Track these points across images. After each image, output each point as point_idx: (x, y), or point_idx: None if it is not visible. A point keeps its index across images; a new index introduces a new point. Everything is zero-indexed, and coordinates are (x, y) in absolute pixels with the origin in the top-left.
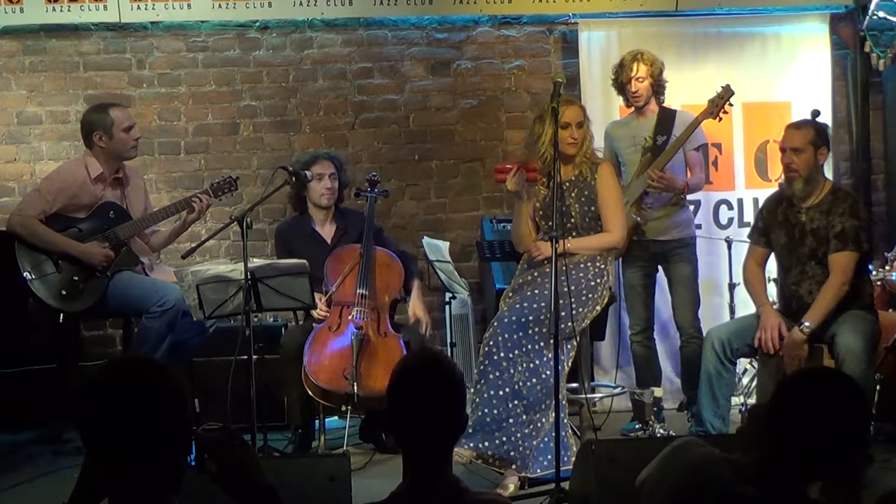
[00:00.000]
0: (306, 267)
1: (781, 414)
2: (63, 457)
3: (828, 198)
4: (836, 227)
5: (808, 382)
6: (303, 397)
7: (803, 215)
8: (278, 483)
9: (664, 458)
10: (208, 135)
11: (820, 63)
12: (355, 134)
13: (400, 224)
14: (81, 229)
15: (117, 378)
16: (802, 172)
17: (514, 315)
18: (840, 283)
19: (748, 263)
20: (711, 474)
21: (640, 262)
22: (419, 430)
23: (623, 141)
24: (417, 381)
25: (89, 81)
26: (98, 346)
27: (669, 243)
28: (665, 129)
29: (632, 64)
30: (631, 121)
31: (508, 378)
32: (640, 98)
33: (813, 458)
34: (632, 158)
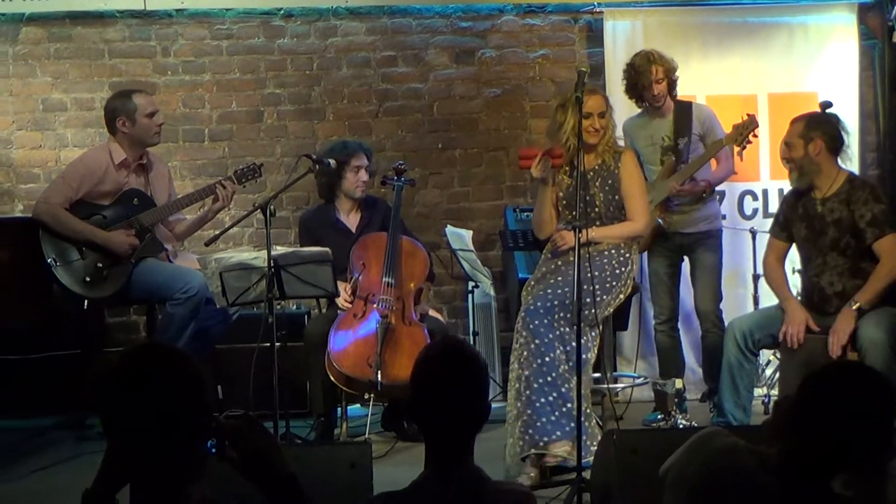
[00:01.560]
0: (329, 255)
1: (807, 406)
2: (86, 442)
3: (844, 187)
4: (865, 216)
5: (834, 375)
6: (326, 385)
7: (820, 206)
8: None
9: (689, 448)
10: (232, 122)
11: (847, 53)
12: (379, 122)
13: (423, 213)
14: (106, 216)
15: (137, 365)
16: (795, 164)
17: (540, 302)
18: (893, 266)
19: (768, 258)
20: (735, 464)
21: (665, 253)
22: (441, 419)
23: (641, 140)
24: (440, 370)
25: (114, 69)
26: (122, 332)
27: (695, 235)
28: (683, 128)
29: (650, 67)
30: (648, 119)
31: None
32: (660, 99)
33: (838, 450)
34: (651, 157)
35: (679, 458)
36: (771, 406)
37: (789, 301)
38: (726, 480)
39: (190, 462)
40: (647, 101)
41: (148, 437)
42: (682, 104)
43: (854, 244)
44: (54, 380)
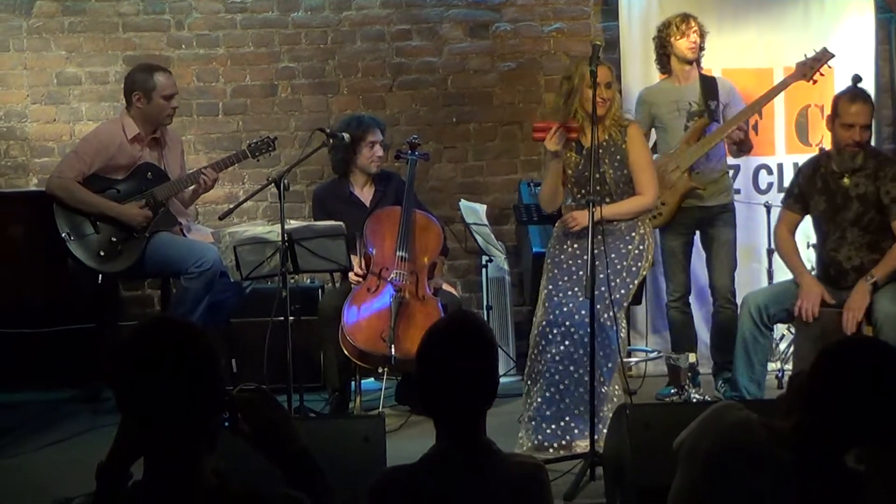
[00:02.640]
0: (343, 229)
1: (821, 381)
2: (101, 415)
3: (869, 162)
4: (891, 193)
5: (849, 350)
6: (339, 359)
7: (847, 180)
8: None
9: (702, 421)
10: (246, 96)
11: (863, 27)
12: (393, 96)
13: (437, 187)
14: (119, 190)
15: (150, 339)
16: (866, 147)
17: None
18: None
19: (779, 229)
20: (748, 438)
21: (681, 229)
22: (448, 395)
23: (664, 106)
24: (445, 346)
25: (128, 42)
26: (137, 306)
27: (714, 209)
28: (712, 94)
29: (687, 18)
30: (669, 86)
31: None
32: (695, 49)
33: (852, 425)
34: (675, 124)
35: (693, 432)
36: (785, 381)
37: (804, 275)
38: (740, 454)
39: (203, 435)
40: (678, 57)
41: (161, 411)
42: (705, 76)
43: (877, 220)
44: (69, 353)
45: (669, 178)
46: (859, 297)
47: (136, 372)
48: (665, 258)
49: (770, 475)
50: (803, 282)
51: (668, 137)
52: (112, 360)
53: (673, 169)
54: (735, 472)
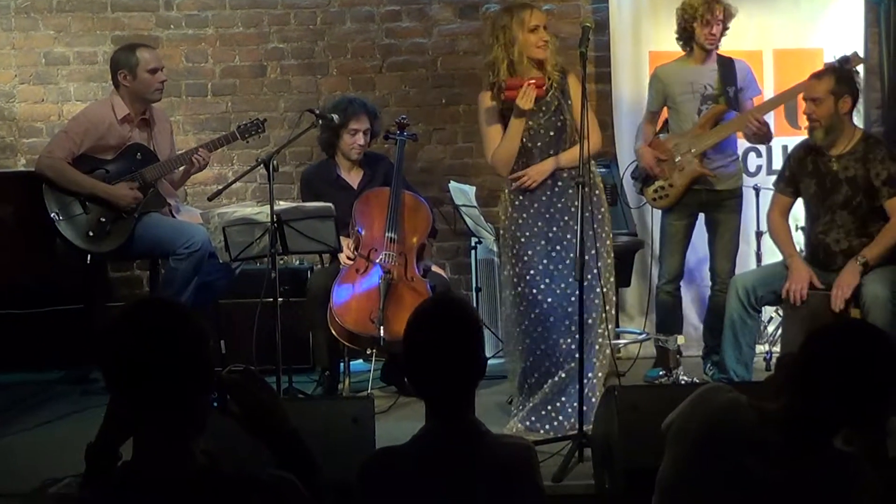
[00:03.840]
0: (332, 210)
1: (811, 363)
2: (90, 396)
3: (860, 146)
4: (881, 175)
5: (837, 333)
6: (328, 340)
7: (835, 164)
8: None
9: (691, 403)
10: (235, 77)
11: (853, 9)
12: (382, 77)
13: (426, 168)
14: (109, 171)
15: (139, 320)
16: (823, 122)
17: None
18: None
19: (772, 213)
20: (736, 419)
21: (687, 210)
22: (434, 376)
23: (677, 86)
24: (430, 328)
25: (117, 22)
26: (125, 287)
27: (722, 193)
28: (730, 79)
29: (713, 4)
30: (685, 66)
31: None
32: (714, 41)
33: (840, 408)
34: (688, 106)
35: (681, 413)
36: (773, 363)
37: (794, 258)
38: (728, 435)
39: (192, 416)
40: (697, 44)
41: (150, 392)
42: (723, 58)
43: (866, 203)
44: (58, 334)
45: (681, 161)
46: (849, 276)
47: (124, 353)
48: (665, 239)
49: (758, 456)
50: (793, 264)
51: (681, 119)
52: (101, 340)
53: (685, 151)
54: (723, 454)
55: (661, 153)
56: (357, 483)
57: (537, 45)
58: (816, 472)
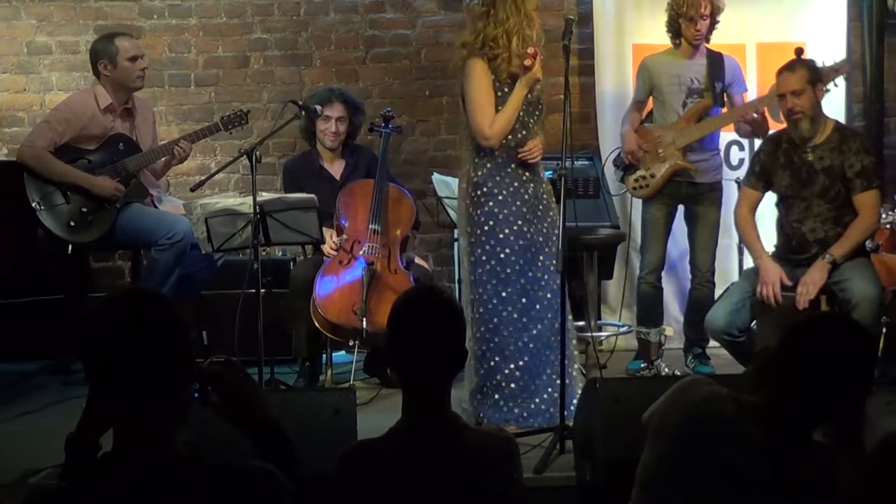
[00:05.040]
0: (315, 202)
1: (791, 356)
2: (71, 387)
3: (834, 136)
4: (854, 166)
5: (819, 325)
6: (311, 331)
7: (810, 155)
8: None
9: (671, 395)
10: (218, 67)
11: (836, 3)
12: (366, 69)
13: (410, 160)
14: (91, 160)
15: (120, 310)
16: (808, 112)
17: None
18: (872, 221)
19: (740, 209)
20: (717, 411)
21: (667, 200)
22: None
23: (665, 78)
24: (414, 317)
25: (99, 12)
26: (107, 277)
27: (702, 186)
28: (718, 74)
29: (696, 14)
30: (673, 58)
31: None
32: (700, 37)
33: (821, 400)
34: (674, 98)
35: (661, 406)
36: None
37: (763, 258)
38: (709, 428)
39: (173, 407)
40: (684, 38)
41: (131, 383)
42: (712, 52)
43: (843, 193)
44: (39, 324)
45: (663, 153)
46: (816, 274)
47: (104, 343)
48: (646, 228)
49: (739, 449)
50: (762, 265)
51: (665, 110)
52: (81, 331)
53: (668, 143)
54: (704, 446)
55: (645, 142)
56: (334, 476)
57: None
58: (796, 463)
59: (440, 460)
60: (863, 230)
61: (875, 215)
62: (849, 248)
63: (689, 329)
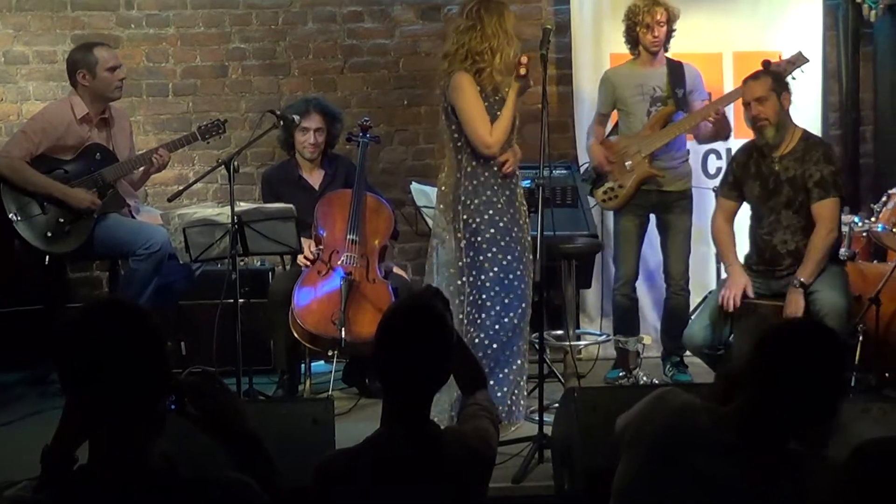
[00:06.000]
0: (293, 211)
1: (766, 362)
2: (49, 398)
3: (800, 145)
4: (814, 176)
5: (792, 332)
6: (289, 341)
7: (777, 165)
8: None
9: (645, 407)
10: (196, 77)
11: (811, 13)
12: (344, 78)
13: (388, 169)
14: (67, 171)
15: (96, 321)
16: (772, 119)
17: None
18: (828, 231)
19: (717, 218)
20: (693, 421)
21: (638, 211)
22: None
23: (628, 89)
24: (408, 328)
25: (77, 21)
26: (85, 287)
27: (672, 194)
28: (679, 81)
29: (654, 8)
30: (634, 69)
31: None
32: (658, 44)
33: (794, 406)
34: (638, 108)
35: (636, 417)
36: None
37: (733, 266)
38: (686, 437)
39: (149, 419)
40: (643, 46)
41: (107, 394)
42: (671, 60)
43: (807, 203)
44: (16, 335)
45: (630, 163)
46: (796, 305)
47: (80, 355)
48: (618, 240)
49: (716, 458)
50: (731, 271)
51: (631, 121)
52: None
53: (634, 153)
54: (681, 456)
55: (611, 154)
56: (311, 484)
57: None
58: (772, 472)
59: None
60: (820, 243)
61: (831, 225)
62: (814, 264)
63: (667, 338)
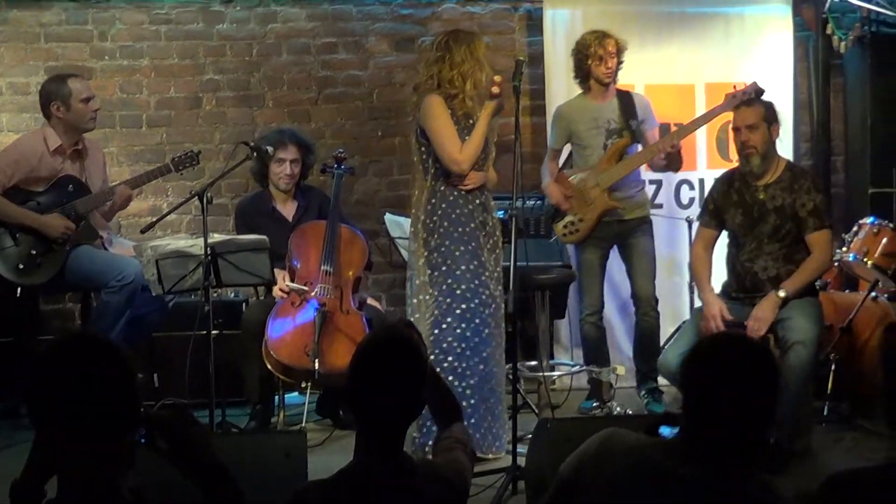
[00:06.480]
0: (266, 243)
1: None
2: (19, 431)
3: (786, 174)
4: (807, 206)
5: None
6: (263, 373)
7: (762, 193)
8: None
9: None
10: (170, 108)
11: (782, 44)
12: (319, 109)
13: (362, 200)
14: (40, 202)
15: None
16: (760, 149)
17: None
18: (826, 260)
19: (696, 247)
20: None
21: (600, 243)
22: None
23: (583, 123)
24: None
25: (50, 53)
26: (57, 319)
27: (632, 222)
28: (631, 112)
29: (603, 40)
30: (586, 102)
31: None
32: (610, 75)
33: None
34: (594, 141)
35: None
36: None
37: (706, 293)
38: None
39: (118, 452)
40: (595, 79)
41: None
42: (621, 91)
43: (794, 231)
44: None
45: (589, 195)
46: (768, 311)
47: (49, 389)
48: (582, 272)
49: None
50: (705, 298)
51: (587, 154)
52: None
53: (593, 186)
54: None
55: (567, 189)
56: None
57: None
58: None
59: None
60: (816, 268)
61: (828, 254)
62: (800, 284)
63: (640, 361)
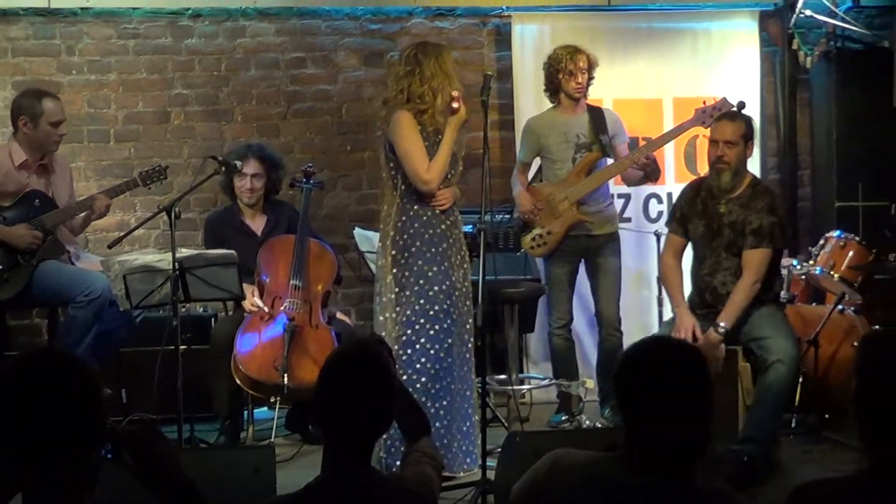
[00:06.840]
0: (235, 257)
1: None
2: None
3: (747, 191)
4: (752, 223)
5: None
6: (232, 388)
7: (722, 207)
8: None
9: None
10: (138, 123)
11: (749, 59)
12: (287, 124)
13: (331, 215)
14: (6, 217)
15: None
16: (732, 165)
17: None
18: (752, 281)
19: (666, 255)
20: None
21: (568, 257)
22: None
23: (552, 137)
24: (350, 374)
25: (17, 67)
26: (24, 335)
27: (600, 238)
28: (601, 126)
29: (575, 55)
30: (556, 116)
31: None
32: (581, 90)
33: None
34: (563, 154)
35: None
36: None
37: (680, 307)
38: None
39: (83, 469)
40: (566, 94)
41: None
42: (592, 107)
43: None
44: None
45: (557, 209)
46: (714, 349)
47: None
48: (551, 286)
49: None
50: (678, 314)
51: (557, 168)
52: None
53: (561, 199)
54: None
55: (538, 201)
56: None
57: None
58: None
59: None
60: (745, 296)
61: (756, 275)
62: (735, 313)
63: (603, 380)
